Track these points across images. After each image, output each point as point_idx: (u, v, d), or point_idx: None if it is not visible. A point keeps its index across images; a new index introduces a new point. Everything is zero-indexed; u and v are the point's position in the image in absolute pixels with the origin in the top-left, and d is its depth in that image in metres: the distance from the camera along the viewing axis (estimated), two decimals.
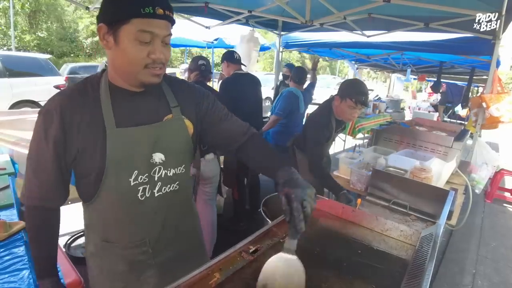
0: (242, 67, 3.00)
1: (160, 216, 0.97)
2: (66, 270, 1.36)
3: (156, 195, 0.93)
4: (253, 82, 3.02)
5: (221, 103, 1.08)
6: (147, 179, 0.90)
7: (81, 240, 2.69)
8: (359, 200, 1.64)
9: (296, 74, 3.59)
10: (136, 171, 0.88)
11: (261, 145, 1.03)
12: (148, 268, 0.99)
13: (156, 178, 0.92)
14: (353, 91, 1.96)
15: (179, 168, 0.96)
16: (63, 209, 0.97)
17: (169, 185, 0.95)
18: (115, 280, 0.99)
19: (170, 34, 0.85)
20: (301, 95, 3.51)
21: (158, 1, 0.79)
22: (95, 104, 0.86)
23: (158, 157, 0.91)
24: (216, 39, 6.14)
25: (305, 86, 3.82)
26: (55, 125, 0.83)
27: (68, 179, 0.93)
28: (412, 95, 13.66)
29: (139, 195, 0.90)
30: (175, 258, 1.03)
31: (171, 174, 0.95)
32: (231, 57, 2.92)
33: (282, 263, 0.70)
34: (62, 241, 2.56)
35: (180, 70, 6.21)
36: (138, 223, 0.94)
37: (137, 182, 0.89)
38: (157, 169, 0.91)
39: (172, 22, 0.85)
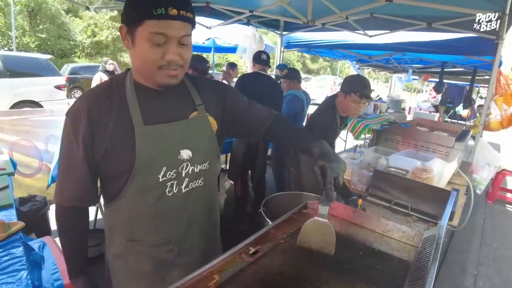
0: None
1: (186, 213, 0.97)
2: (64, 271, 1.35)
3: (183, 191, 0.94)
4: (271, 84, 3.06)
5: (241, 94, 1.10)
6: (175, 175, 0.91)
7: None
8: (360, 201, 1.63)
9: (294, 74, 3.59)
10: (164, 167, 0.89)
11: (286, 125, 1.07)
12: (174, 268, 0.99)
13: (183, 174, 0.92)
14: (357, 85, 1.98)
15: (204, 164, 0.97)
16: None
17: (195, 181, 0.96)
18: (140, 281, 0.98)
19: (189, 35, 0.83)
20: (305, 97, 3.52)
21: (172, 1, 0.77)
22: (122, 102, 0.86)
23: (186, 153, 0.92)
24: (207, 39, 6.15)
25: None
26: (83, 125, 0.83)
27: (97, 180, 0.94)
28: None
29: (167, 190, 0.91)
30: (200, 258, 1.02)
31: (197, 170, 0.95)
32: (257, 57, 3.11)
33: (317, 225, 0.87)
34: None
35: None
36: (165, 220, 0.94)
37: (166, 178, 0.90)
38: (185, 165, 0.92)
39: (191, 22, 0.83)
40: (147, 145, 0.85)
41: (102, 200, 1.02)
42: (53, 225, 2.59)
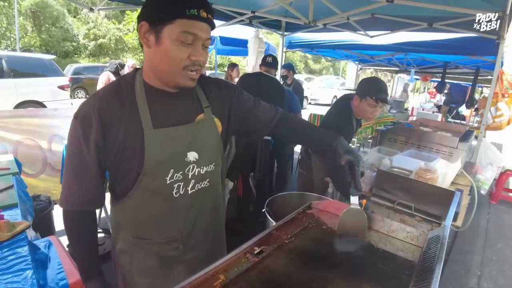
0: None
1: (192, 213, 1.00)
2: (69, 270, 1.36)
3: (189, 192, 0.96)
4: (272, 85, 3.11)
5: (246, 92, 1.13)
6: (181, 177, 0.93)
7: None
8: (364, 201, 1.62)
9: None
10: (172, 170, 0.91)
11: (297, 122, 1.15)
12: (178, 264, 1.02)
13: (190, 176, 0.95)
14: (373, 89, 1.91)
15: (209, 166, 0.99)
16: None
17: (201, 183, 0.98)
18: (145, 276, 1.01)
19: (210, 38, 0.88)
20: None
21: (203, 4, 0.82)
22: (132, 105, 0.87)
23: (192, 155, 0.94)
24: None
25: None
26: (95, 128, 0.83)
27: (104, 182, 0.94)
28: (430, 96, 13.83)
29: (173, 192, 0.93)
30: (204, 256, 1.06)
31: (203, 172, 0.98)
32: (263, 60, 3.26)
33: (352, 213, 1.02)
34: (65, 241, 2.56)
35: None
36: (171, 220, 0.97)
37: (173, 180, 0.92)
38: (191, 167, 0.94)
39: (213, 26, 0.87)
40: (156, 148, 0.87)
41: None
42: (57, 225, 2.60)
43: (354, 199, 1.01)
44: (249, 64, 4.84)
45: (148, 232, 0.97)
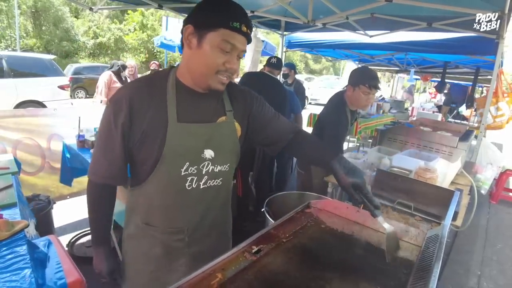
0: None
1: (201, 207, 1.04)
2: (68, 270, 1.35)
3: (201, 187, 1.01)
4: (273, 85, 3.10)
5: (268, 104, 1.17)
6: (195, 171, 0.98)
7: (85, 240, 2.70)
8: None
9: None
10: (187, 163, 0.96)
11: (308, 140, 1.15)
12: (181, 256, 1.06)
13: (203, 172, 1.00)
14: (364, 77, 2.01)
15: (224, 166, 1.05)
16: (66, 205, 0.99)
17: (213, 180, 1.03)
18: (148, 263, 1.06)
19: (245, 51, 0.96)
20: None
21: (245, 19, 0.91)
22: (161, 98, 0.94)
23: (209, 153, 0.99)
24: None
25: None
26: (124, 113, 0.91)
27: (127, 163, 1.02)
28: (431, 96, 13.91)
29: (186, 184, 0.98)
30: (207, 251, 1.09)
31: (217, 170, 1.03)
32: (267, 61, 3.29)
33: (390, 236, 0.96)
34: (65, 240, 2.57)
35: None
36: (180, 211, 1.02)
37: (187, 172, 0.97)
38: (206, 164, 1.00)
39: (249, 40, 0.95)
40: (176, 140, 0.94)
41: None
42: (57, 224, 2.60)
43: (381, 219, 0.96)
44: (246, 63, 4.87)
45: (157, 220, 1.03)
